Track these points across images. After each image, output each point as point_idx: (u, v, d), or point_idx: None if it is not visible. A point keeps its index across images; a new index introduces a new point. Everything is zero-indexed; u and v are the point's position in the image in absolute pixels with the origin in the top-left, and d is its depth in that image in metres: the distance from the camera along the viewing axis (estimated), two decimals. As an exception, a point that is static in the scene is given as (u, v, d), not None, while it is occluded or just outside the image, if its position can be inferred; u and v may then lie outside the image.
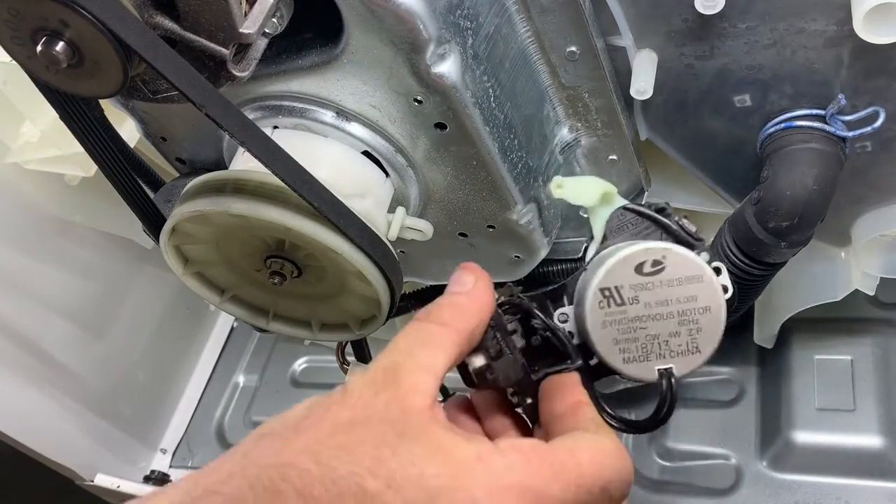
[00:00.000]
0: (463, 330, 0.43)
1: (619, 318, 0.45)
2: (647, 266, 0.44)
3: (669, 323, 0.44)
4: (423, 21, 0.51)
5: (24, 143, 0.88)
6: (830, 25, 0.56)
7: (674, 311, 0.44)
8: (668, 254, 0.44)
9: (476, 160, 0.60)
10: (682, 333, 0.45)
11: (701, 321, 0.44)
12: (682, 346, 0.45)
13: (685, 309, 0.44)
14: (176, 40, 0.48)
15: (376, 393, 0.38)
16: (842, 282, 0.78)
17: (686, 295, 0.44)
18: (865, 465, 0.81)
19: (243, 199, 0.55)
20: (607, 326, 0.45)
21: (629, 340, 0.45)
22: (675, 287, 0.44)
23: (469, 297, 0.45)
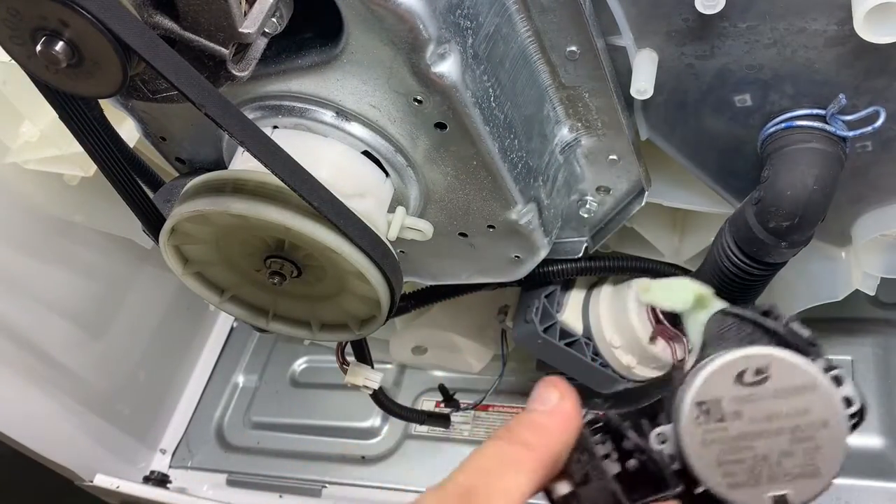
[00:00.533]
0: (546, 453, 0.39)
1: (721, 435, 0.40)
2: (749, 375, 0.40)
3: (780, 441, 0.39)
4: (422, 21, 0.51)
5: (23, 142, 0.88)
6: (831, 25, 0.56)
7: (784, 426, 0.39)
8: (772, 360, 0.39)
9: (476, 160, 0.60)
10: (796, 453, 0.39)
11: (818, 438, 0.39)
12: (798, 467, 0.39)
13: (797, 424, 0.39)
14: (175, 40, 0.48)
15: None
16: (842, 282, 0.78)
17: (797, 408, 0.39)
18: (866, 465, 0.81)
19: (243, 198, 0.55)
20: (708, 446, 0.40)
21: (734, 462, 0.39)
22: (784, 399, 0.39)
23: (552, 416, 0.41)
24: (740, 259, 0.65)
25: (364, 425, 1.14)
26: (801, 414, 0.39)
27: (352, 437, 1.13)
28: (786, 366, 0.39)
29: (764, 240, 0.63)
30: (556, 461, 0.40)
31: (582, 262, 0.80)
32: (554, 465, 0.40)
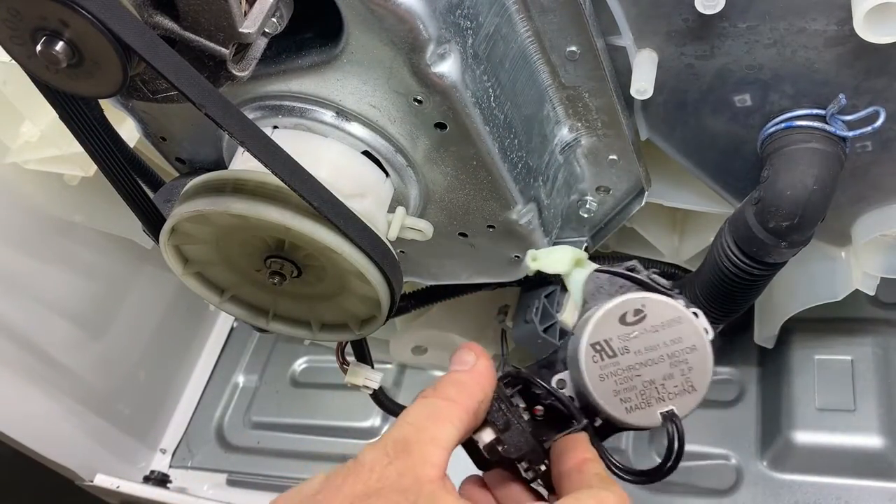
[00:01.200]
0: (468, 404, 0.45)
1: (614, 369, 0.47)
2: (630, 316, 0.48)
3: (662, 366, 0.47)
4: (422, 21, 0.51)
5: (23, 142, 0.88)
6: (831, 25, 0.56)
7: (663, 354, 0.47)
8: (646, 301, 0.48)
9: (476, 160, 0.60)
10: (675, 375, 0.47)
11: (690, 360, 0.47)
12: (678, 386, 0.47)
13: (673, 351, 0.47)
14: (175, 40, 0.48)
15: (388, 464, 0.40)
16: (842, 282, 0.77)
17: (671, 338, 0.47)
18: (865, 465, 0.81)
19: (243, 198, 0.55)
20: (605, 379, 0.47)
21: (628, 390, 0.47)
22: (660, 332, 0.47)
23: (471, 374, 0.47)
24: (740, 259, 0.65)
25: (364, 425, 1.14)
26: (675, 342, 0.47)
27: (352, 437, 1.13)
28: (658, 305, 0.48)
29: (764, 240, 0.63)
30: (477, 413, 0.45)
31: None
32: (476, 417, 0.45)
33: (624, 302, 0.48)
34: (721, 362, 0.96)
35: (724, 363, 0.96)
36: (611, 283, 0.51)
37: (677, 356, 0.47)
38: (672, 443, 0.47)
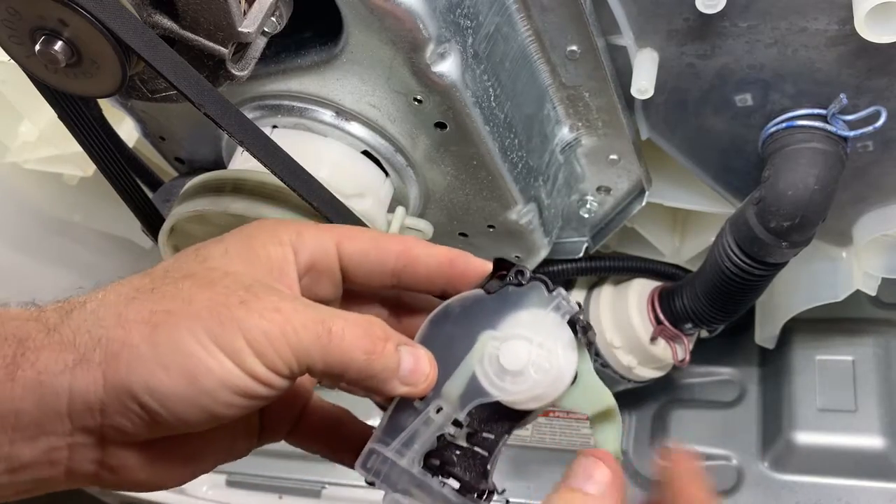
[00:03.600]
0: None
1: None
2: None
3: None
4: (422, 20, 0.51)
5: (22, 142, 0.88)
6: (832, 24, 0.56)
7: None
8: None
9: (476, 160, 0.60)
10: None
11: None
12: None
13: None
14: (175, 39, 0.48)
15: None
16: (843, 282, 0.77)
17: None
18: (867, 465, 0.81)
19: (242, 198, 0.55)
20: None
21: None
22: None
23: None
24: (741, 259, 0.65)
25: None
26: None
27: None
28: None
29: (765, 240, 0.62)
30: None
31: (582, 262, 0.79)
32: None
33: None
34: (722, 363, 0.96)
35: (724, 363, 0.96)
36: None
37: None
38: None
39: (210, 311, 0.36)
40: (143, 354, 0.35)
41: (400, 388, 0.40)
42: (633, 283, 0.82)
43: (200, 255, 0.40)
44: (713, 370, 0.96)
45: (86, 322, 0.36)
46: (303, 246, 0.41)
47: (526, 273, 0.43)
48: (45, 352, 0.35)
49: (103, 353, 0.35)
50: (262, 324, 0.36)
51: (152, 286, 0.37)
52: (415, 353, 0.40)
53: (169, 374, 0.35)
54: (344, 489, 1.07)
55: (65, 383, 0.35)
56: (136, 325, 0.35)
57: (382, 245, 0.43)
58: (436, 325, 0.43)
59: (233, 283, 0.38)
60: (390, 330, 0.40)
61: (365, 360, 0.38)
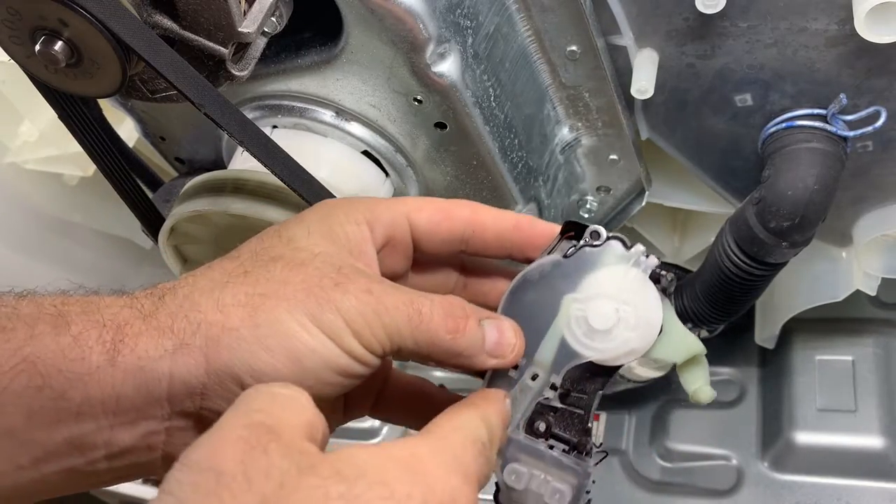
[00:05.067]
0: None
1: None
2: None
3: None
4: (422, 20, 0.51)
5: (22, 142, 0.88)
6: (832, 25, 0.56)
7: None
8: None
9: (476, 160, 0.60)
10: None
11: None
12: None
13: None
14: (175, 39, 0.48)
15: None
16: (843, 282, 0.77)
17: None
18: (866, 465, 0.81)
19: (242, 198, 0.55)
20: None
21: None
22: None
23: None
24: (741, 259, 0.65)
25: (364, 426, 1.13)
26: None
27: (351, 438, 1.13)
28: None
29: (765, 240, 0.62)
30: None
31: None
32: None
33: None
34: (722, 363, 0.96)
35: (724, 364, 0.96)
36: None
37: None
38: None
39: (306, 292, 0.36)
40: (245, 337, 0.35)
41: (489, 360, 0.40)
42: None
43: (284, 236, 0.40)
44: (713, 370, 0.95)
45: (181, 307, 0.36)
46: (378, 223, 0.42)
47: (601, 233, 0.43)
48: (144, 337, 0.35)
49: (203, 337, 0.35)
50: (358, 304, 0.37)
51: (244, 269, 0.38)
52: (498, 325, 0.41)
53: (272, 355, 0.35)
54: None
55: (165, 368, 0.35)
56: (234, 308, 0.36)
57: (451, 213, 0.44)
58: (517, 295, 0.43)
59: (323, 264, 0.38)
60: (471, 307, 0.40)
61: (451, 339, 0.39)
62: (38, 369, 0.34)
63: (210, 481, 0.28)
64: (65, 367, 0.34)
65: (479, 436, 0.36)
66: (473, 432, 0.36)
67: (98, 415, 0.35)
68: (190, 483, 0.28)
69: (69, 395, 0.34)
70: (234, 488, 0.27)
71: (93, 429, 0.35)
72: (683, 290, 0.75)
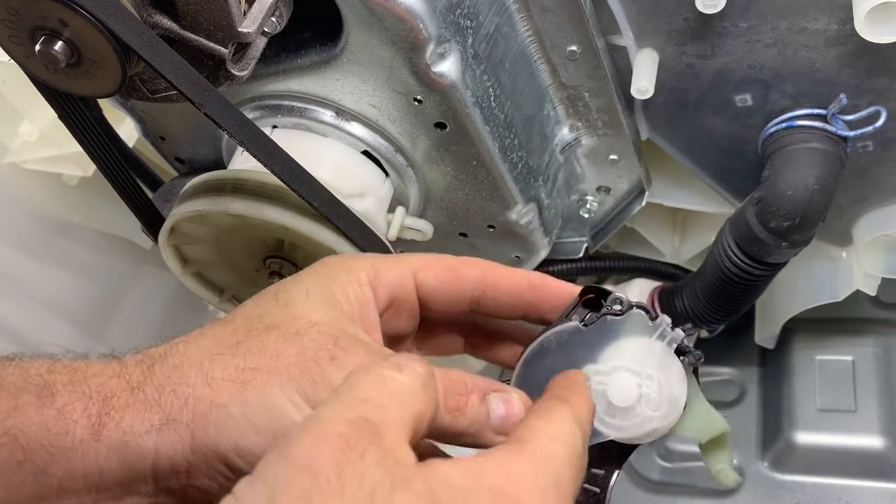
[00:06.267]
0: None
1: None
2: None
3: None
4: (422, 20, 0.51)
5: (22, 142, 0.88)
6: (832, 25, 0.56)
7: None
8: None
9: (476, 160, 0.60)
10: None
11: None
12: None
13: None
14: (175, 39, 0.48)
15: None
16: (843, 282, 0.77)
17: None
18: (867, 465, 0.81)
19: (242, 198, 0.55)
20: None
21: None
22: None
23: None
24: (741, 259, 0.65)
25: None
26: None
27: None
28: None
29: (765, 240, 0.62)
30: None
31: (582, 262, 0.79)
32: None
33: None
34: (722, 363, 0.95)
35: (724, 364, 0.96)
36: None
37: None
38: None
39: (300, 367, 0.35)
40: (233, 414, 0.34)
41: (496, 438, 0.37)
42: (634, 283, 0.82)
43: (281, 299, 0.38)
44: (713, 370, 0.95)
45: (170, 379, 0.35)
46: (381, 283, 0.40)
47: (624, 300, 0.41)
48: (130, 411, 0.34)
49: (190, 413, 0.34)
50: None
51: (237, 339, 0.36)
52: (505, 398, 0.38)
53: (260, 435, 0.34)
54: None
55: (150, 444, 0.34)
56: (223, 383, 0.34)
57: (460, 272, 0.42)
58: (532, 364, 0.41)
59: (319, 334, 0.36)
60: (474, 380, 0.38)
61: (451, 418, 0.36)
62: (19, 443, 0.33)
63: (305, 480, 0.27)
64: (48, 442, 0.33)
65: (576, 447, 0.34)
66: (572, 443, 0.34)
67: (80, 490, 0.34)
68: (284, 478, 0.27)
69: (51, 469, 0.33)
70: (326, 492, 0.27)
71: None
72: (683, 290, 0.75)
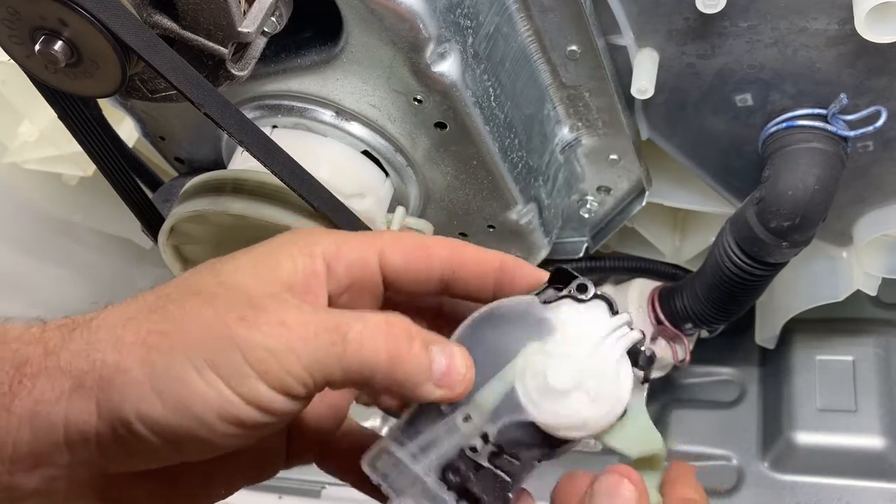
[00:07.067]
0: None
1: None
2: None
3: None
4: (422, 20, 0.51)
5: (22, 142, 0.88)
6: (832, 24, 0.56)
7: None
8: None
9: (476, 160, 0.60)
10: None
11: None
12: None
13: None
14: (174, 39, 0.48)
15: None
16: (843, 282, 0.77)
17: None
18: (867, 466, 0.81)
19: (242, 198, 0.55)
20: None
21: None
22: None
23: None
24: (741, 259, 0.65)
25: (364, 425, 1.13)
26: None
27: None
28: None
29: (765, 240, 0.62)
30: None
31: (582, 262, 0.79)
32: None
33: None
34: (722, 363, 0.95)
35: (724, 364, 0.95)
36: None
37: None
38: None
39: (207, 330, 0.33)
40: (137, 379, 0.32)
41: (435, 391, 0.36)
42: (634, 283, 0.82)
43: (215, 268, 0.36)
44: (713, 370, 0.95)
45: (86, 345, 0.33)
46: (339, 261, 0.38)
47: (589, 288, 0.39)
48: (42, 378, 0.32)
49: (97, 377, 0.32)
50: (267, 341, 0.32)
51: (156, 305, 0.34)
52: (448, 351, 0.36)
53: (163, 402, 0.32)
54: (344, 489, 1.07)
55: (60, 412, 0.32)
56: (131, 347, 0.32)
57: (429, 252, 0.39)
58: (477, 327, 0.39)
59: (236, 297, 0.34)
60: (416, 328, 0.36)
61: (389, 364, 0.34)
62: None
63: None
64: None
65: None
66: None
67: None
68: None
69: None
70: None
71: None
72: (683, 290, 0.75)
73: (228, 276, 0.35)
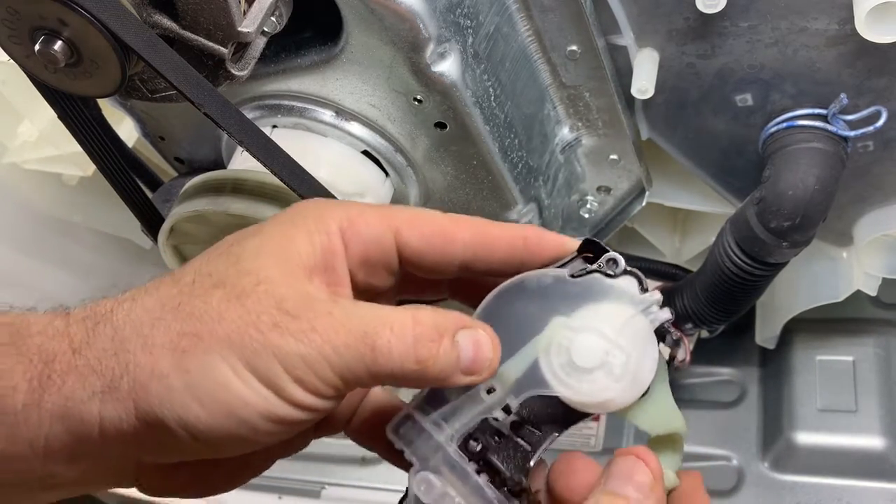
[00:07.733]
0: None
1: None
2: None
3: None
4: (422, 20, 0.51)
5: (22, 142, 0.88)
6: (832, 24, 0.56)
7: None
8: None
9: (476, 160, 0.60)
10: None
11: None
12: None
13: None
14: (174, 39, 0.48)
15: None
16: (844, 282, 0.77)
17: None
18: (867, 466, 0.81)
19: (242, 198, 0.55)
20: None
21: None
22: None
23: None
24: (741, 259, 0.65)
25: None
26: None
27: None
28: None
29: (765, 240, 0.62)
30: None
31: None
32: None
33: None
34: (722, 363, 0.95)
35: (725, 364, 0.95)
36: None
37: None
38: None
39: (242, 334, 0.33)
40: (174, 386, 0.32)
41: (462, 379, 0.36)
42: (634, 283, 0.82)
43: (234, 253, 0.36)
44: (713, 370, 0.95)
45: (112, 343, 0.33)
46: (355, 237, 0.37)
47: (620, 263, 0.38)
48: (72, 377, 0.32)
49: (131, 381, 0.32)
50: (300, 348, 0.33)
51: (179, 300, 0.34)
52: (474, 337, 0.36)
53: (204, 408, 0.32)
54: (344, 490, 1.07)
55: (94, 410, 0.33)
56: (163, 350, 0.33)
57: (451, 236, 0.38)
58: (504, 300, 0.39)
59: (265, 295, 0.34)
60: (443, 320, 0.35)
61: (418, 368, 0.34)
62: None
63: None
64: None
65: None
66: None
67: (28, 456, 0.33)
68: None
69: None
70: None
71: (24, 468, 0.33)
72: (684, 290, 0.75)
73: (248, 264, 0.35)
